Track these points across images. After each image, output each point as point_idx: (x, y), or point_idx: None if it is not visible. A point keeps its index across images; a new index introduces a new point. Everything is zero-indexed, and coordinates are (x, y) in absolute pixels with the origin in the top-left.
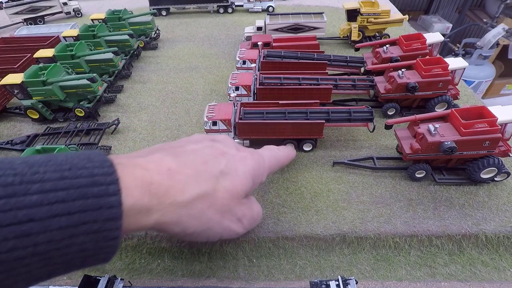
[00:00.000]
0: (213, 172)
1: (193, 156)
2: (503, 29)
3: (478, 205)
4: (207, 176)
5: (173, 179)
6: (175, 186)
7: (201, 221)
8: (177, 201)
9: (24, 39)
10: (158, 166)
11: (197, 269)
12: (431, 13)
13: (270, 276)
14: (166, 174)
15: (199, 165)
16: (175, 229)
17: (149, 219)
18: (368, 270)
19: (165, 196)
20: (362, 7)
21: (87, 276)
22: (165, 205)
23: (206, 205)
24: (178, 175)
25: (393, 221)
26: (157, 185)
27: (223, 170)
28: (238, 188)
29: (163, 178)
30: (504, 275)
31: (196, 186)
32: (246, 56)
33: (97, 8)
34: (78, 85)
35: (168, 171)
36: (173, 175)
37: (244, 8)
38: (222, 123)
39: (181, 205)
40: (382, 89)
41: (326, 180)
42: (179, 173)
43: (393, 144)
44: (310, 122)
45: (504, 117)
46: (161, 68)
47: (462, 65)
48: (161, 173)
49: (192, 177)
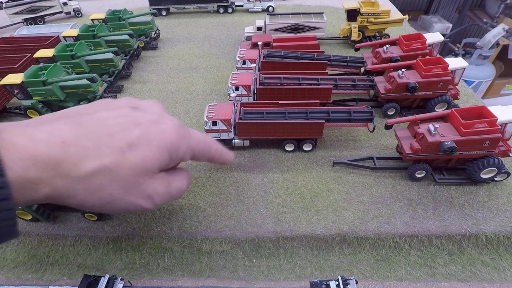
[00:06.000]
0: (118, 145)
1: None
2: (503, 29)
3: (478, 205)
4: (110, 150)
5: (66, 151)
6: (69, 159)
7: (100, 196)
8: (71, 175)
9: (24, 39)
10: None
11: (197, 269)
12: (431, 13)
13: (270, 276)
14: (58, 145)
15: (102, 137)
16: (71, 202)
17: (39, 193)
18: (368, 270)
19: (55, 169)
20: (362, 7)
21: (87, 276)
22: (56, 179)
23: (107, 180)
24: (73, 147)
25: (393, 221)
26: (45, 157)
27: (133, 142)
28: (147, 163)
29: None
30: (504, 275)
31: (95, 160)
32: (246, 56)
33: (97, 8)
34: (78, 85)
35: (61, 143)
36: (67, 147)
37: (244, 8)
38: (222, 123)
39: (75, 179)
40: (382, 89)
41: (326, 180)
42: (75, 145)
43: (393, 144)
44: (310, 122)
45: (504, 117)
46: (161, 68)
47: (462, 65)
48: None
49: (91, 150)
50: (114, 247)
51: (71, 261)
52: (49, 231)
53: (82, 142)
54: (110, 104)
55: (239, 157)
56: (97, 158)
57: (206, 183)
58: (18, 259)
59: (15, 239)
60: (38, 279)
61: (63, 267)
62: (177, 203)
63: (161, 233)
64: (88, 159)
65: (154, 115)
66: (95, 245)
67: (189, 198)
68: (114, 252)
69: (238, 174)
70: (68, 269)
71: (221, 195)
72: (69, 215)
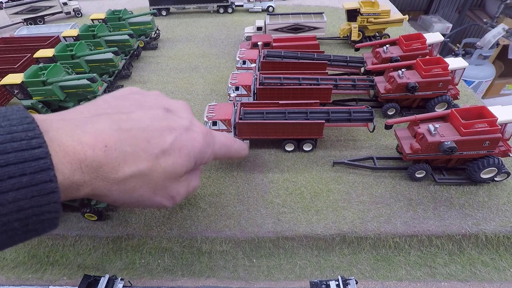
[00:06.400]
0: (154, 151)
1: (136, 131)
2: (503, 29)
3: (478, 205)
4: (147, 155)
5: (108, 156)
6: (110, 163)
7: (131, 196)
8: (109, 178)
9: (24, 39)
10: (95, 140)
11: (197, 269)
12: (431, 13)
13: (270, 276)
14: (101, 150)
15: (140, 142)
16: (104, 200)
17: (80, 192)
18: (368, 270)
19: (97, 172)
20: (362, 7)
21: (87, 276)
22: (96, 181)
23: (140, 183)
24: (115, 152)
25: (393, 221)
26: (90, 161)
27: (166, 149)
28: (177, 169)
29: (97, 155)
30: (504, 275)
31: (132, 165)
32: (246, 56)
33: (97, 8)
34: (78, 85)
35: (104, 147)
36: (109, 152)
37: (244, 8)
38: (222, 123)
39: (113, 182)
40: (382, 89)
41: (326, 180)
42: (116, 150)
43: (393, 144)
44: (310, 122)
45: (504, 117)
46: (161, 68)
47: (462, 65)
48: (96, 149)
49: (130, 155)
50: (114, 247)
51: (71, 261)
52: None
53: (122, 146)
54: (143, 101)
55: None
56: (134, 164)
57: (206, 183)
58: (18, 259)
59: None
60: (38, 279)
61: (63, 267)
62: None
63: (161, 233)
64: (126, 164)
65: (185, 121)
66: (95, 245)
67: (189, 198)
68: (114, 252)
69: (238, 174)
70: (68, 269)
71: (221, 195)
72: (69, 215)
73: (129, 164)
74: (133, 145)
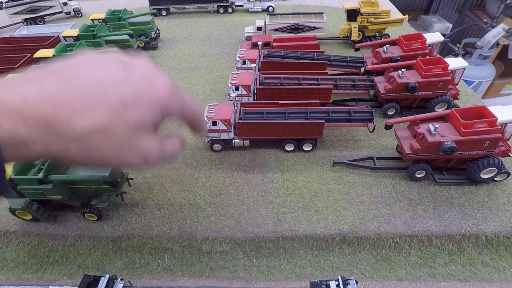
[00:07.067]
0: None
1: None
2: (503, 29)
3: (478, 205)
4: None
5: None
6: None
7: (94, 155)
8: (64, 134)
9: (24, 39)
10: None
11: (197, 269)
12: (431, 13)
13: (270, 276)
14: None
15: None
16: (65, 161)
17: (31, 151)
18: (368, 270)
19: (47, 128)
20: (362, 7)
21: (87, 276)
22: (49, 138)
23: (100, 139)
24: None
25: (393, 221)
26: (35, 115)
27: (126, 100)
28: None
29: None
30: (504, 275)
31: (87, 117)
32: (246, 56)
33: (97, 8)
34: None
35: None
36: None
37: (244, 8)
38: (222, 123)
39: (68, 137)
40: (382, 89)
41: (326, 180)
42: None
43: (393, 144)
44: (310, 122)
45: (504, 117)
46: (161, 68)
47: (462, 65)
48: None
49: (82, 107)
50: (114, 247)
51: (71, 261)
52: (49, 231)
53: (73, 99)
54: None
55: (239, 157)
56: (88, 116)
57: (206, 183)
58: (18, 259)
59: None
60: (38, 279)
61: (63, 267)
62: (177, 203)
63: (161, 233)
64: (80, 117)
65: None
66: (95, 245)
67: (189, 198)
68: (114, 252)
69: (238, 174)
70: (68, 269)
71: (221, 195)
72: (69, 215)
73: (82, 117)
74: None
